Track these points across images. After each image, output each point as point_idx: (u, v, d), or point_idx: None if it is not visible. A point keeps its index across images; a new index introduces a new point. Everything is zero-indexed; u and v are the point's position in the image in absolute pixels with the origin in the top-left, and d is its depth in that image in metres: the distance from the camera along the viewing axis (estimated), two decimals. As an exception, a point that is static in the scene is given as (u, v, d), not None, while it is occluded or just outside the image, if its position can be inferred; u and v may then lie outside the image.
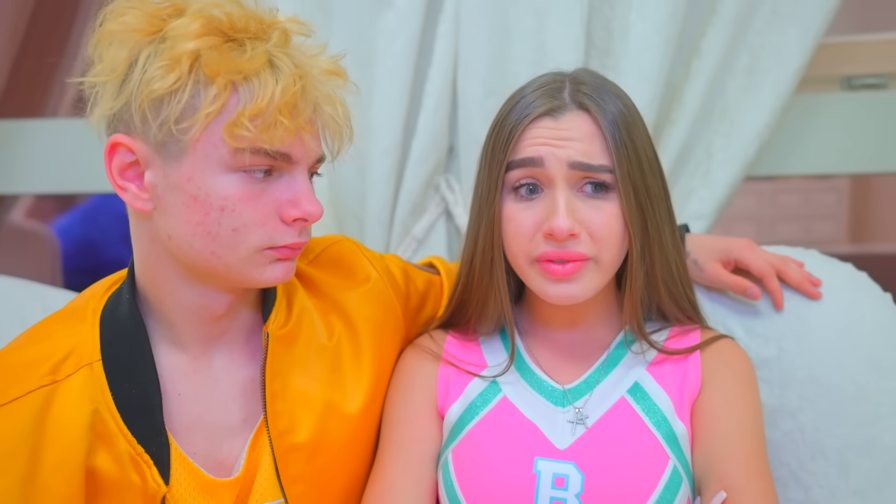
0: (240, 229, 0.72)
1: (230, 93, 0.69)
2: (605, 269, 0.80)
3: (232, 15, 0.71)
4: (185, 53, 0.68)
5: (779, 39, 1.17)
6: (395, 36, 1.16)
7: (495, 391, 0.85)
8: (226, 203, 0.71)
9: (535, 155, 0.78)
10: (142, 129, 0.70)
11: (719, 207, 1.22)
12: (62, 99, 1.92)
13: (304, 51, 0.75)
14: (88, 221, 2.28)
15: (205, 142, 0.70)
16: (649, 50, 1.14)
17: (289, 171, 0.74)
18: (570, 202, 0.77)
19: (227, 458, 0.79)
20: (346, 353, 0.84)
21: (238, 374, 0.80)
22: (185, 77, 0.68)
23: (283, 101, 0.69)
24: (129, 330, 0.76)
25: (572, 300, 0.79)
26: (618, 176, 0.78)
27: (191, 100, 0.69)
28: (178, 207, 0.71)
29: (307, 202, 0.73)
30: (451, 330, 0.91)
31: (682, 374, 0.83)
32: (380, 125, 1.19)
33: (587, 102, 0.79)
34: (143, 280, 0.78)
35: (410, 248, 1.24)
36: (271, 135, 0.70)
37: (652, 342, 0.83)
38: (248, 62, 0.69)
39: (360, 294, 0.87)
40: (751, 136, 1.19)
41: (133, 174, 0.73)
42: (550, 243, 0.78)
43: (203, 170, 0.70)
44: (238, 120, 0.69)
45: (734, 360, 0.84)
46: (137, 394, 0.74)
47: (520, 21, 1.16)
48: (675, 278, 0.84)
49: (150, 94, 0.69)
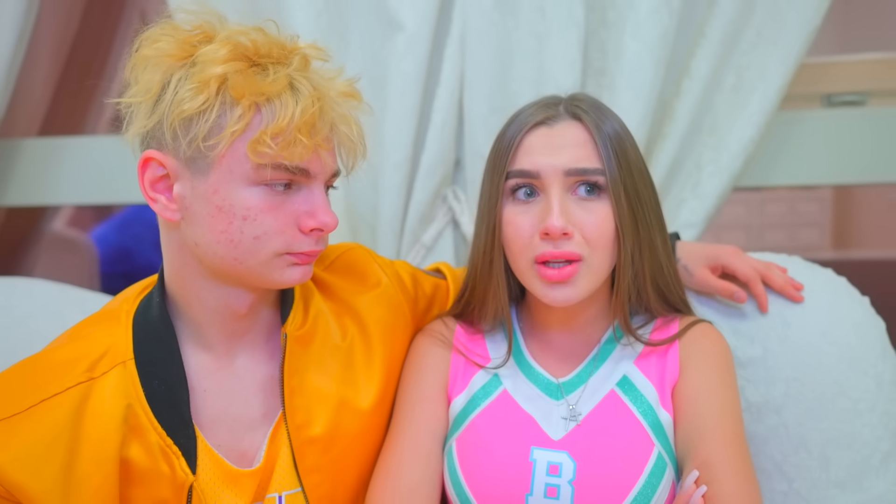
0: (261, 237, 0.73)
1: (254, 113, 0.70)
2: (596, 271, 0.80)
3: (257, 42, 0.72)
4: (213, 77, 0.70)
5: (763, 60, 1.17)
6: (406, 57, 1.17)
7: (496, 384, 0.85)
8: (248, 213, 0.72)
9: (532, 168, 0.79)
10: (172, 146, 0.72)
11: (708, 217, 1.21)
12: (101, 118, 1.94)
13: (323, 74, 0.76)
14: (123, 230, 2.30)
15: (230, 157, 0.71)
16: (642, 70, 1.14)
17: (307, 185, 0.75)
18: (564, 204, 0.78)
19: (248, 449, 0.79)
20: (358, 352, 0.84)
21: (258, 372, 0.80)
22: (212, 98, 0.70)
23: (303, 121, 0.70)
24: (159, 331, 0.76)
25: (568, 302, 0.80)
26: (608, 177, 0.78)
27: (218, 119, 0.70)
28: (205, 217, 0.72)
29: (323, 213, 0.74)
30: (459, 320, 0.92)
31: (663, 364, 0.83)
32: (391, 140, 1.19)
33: (579, 112, 0.80)
34: (171, 284, 0.78)
35: (419, 254, 1.24)
36: (291, 152, 0.71)
37: (637, 336, 0.83)
38: (271, 85, 0.70)
39: (372, 298, 0.87)
40: (737, 150, 1.19)
41: (163, 186, 0.74)
42: (547, 243, 0.78)
43: (228, 183, 0.71)
44: (260, 138, 0.70)
45: (709, 343, 0.84)
46: (166, 390, 0.75)
47: (521, 44, 1.16)
48: (667, 278, 0.84)
49: (181, 114, 0.70)
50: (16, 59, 1.32)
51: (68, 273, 2.02)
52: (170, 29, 0.74)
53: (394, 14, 1.16)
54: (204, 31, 0.73)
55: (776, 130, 1.23)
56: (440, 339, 0.89)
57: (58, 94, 1.65)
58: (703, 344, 0.84)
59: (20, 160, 1.42)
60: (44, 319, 1.07)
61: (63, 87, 1.65)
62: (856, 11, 2.31)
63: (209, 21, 0.74)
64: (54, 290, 1.12)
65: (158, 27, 0.74)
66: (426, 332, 0.91)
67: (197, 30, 0.73)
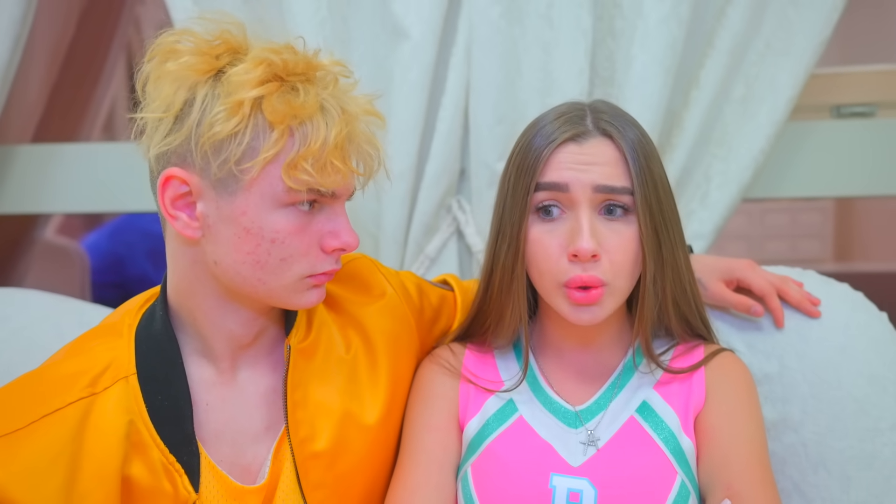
0: (287, 259, 0.73)
1: (287, 137, 0.70)
2: (619, 294, 0.79)
3: (288, 62, 0.71)
4: (248, 99, 0.69)
5: (772, 71, 1.18)
6: (411, 66, 1.16)
7: (512, 410, 0.84)
8: (277, 236, 0.72)
9: (561, 181, 0.78)
10: (201, 166, 0.71)
11: (717, 228, 1.21)
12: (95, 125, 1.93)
13: (343, 89, 0.76)
14: (115, 238, 2.28)
15: (262, 181, 0.71)
16: (650, 80, 1.14)
17: (330, 205, 0.75)
18: (593, 224, 0.77)
19: (251, 464, 0.78)
20: (362, 365, 0.84)
21: (261, 384, 0.80)
22: (246, 121, 0.69)
23: (335, 145, 0.71)
24: (162, 345, 0.76)
25: (594, 321, 0.79)
26: (637, 198, 0.77)
27: (251, 142, 0.70)
28: (230, 238, 0.72)
29: (347, 234, 0.75)
30: (468, 343, 0.91)
31: (687, 390, 0.83)
32: (395, 150, 1.19)
33: (609, 129, 0.79)
34: (177, 298, 0.78)
35: (423, 265, 1.24)
36: (325, 177, 0.71)
37: (659, 363, 0.83)
38: (303, 107, 0.70)
39: (377, 309, 0.87)
40: (747, 161, 1.19)
41: (184, 204, 0.73)
42: (575, 266, 0.77)
43: (258, 205, 0.71)
44: (297, 163, 0.70)
45: (735, 373, 0.83)
46: (169, 405, 0.74)
47: (528, 52, 1.16)
48: (689, 299, 0.84)
49: (213, 136, 0.69)
50: (11, 64, 1.31)
51: (60, 282, 2.00)
52: (184, 36, 0.72)
53: (399, 22, 1.16)
54: (226, 40, 0.72)
55: (785, 141, 1.23)
56: (447, 368, 0.88)
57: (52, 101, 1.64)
58: (730, 372, 0.83)
59: (13, 167, 1.41)
60: (41, 331, 1.06)
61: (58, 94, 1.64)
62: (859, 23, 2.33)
63: (229, 30, 0.73)
64: (51, 301, 1.11)
65: (174, 34, 0.73)
66: (433, 360, 0.89)
67: (217, 39, 0.72)
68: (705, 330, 0.87)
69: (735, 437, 0.78)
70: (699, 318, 0.86)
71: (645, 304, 0.80)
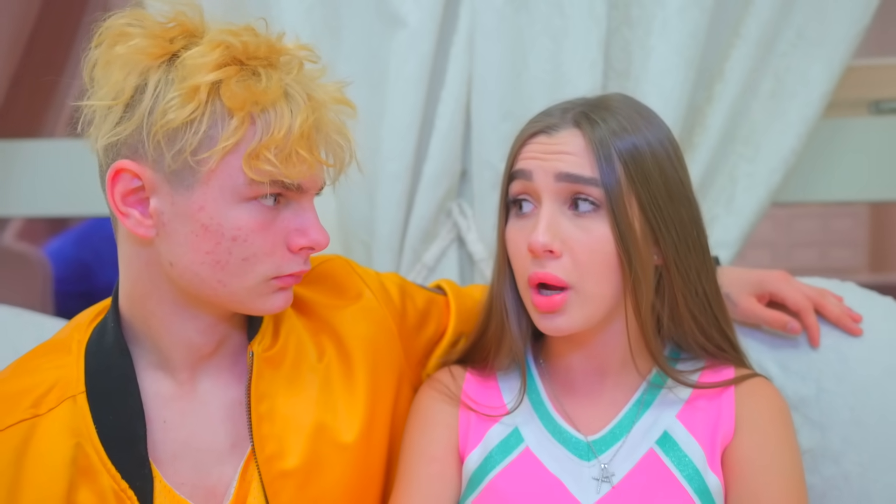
0: (249, 259, 0.72)
1: (248, 124, 0.70)
2: (588, 300, 0.78)
3: (247, 43, 0.71)
4: (204, 84, 0.69)
5: (804, 62, 1.17)
6: (407, 57, 1.16)
7: (517, 441, 0.83)
8: (238, 233, 0.71)
9: (526, 167, 0.80)
10: (154, 158, 0.70)
11: (744, 235, 1.21)
12: (59, 119, 1.92)
13: (311, 76, 0.76)
14: (81, 244, 2.27)
15: (221, 173, 0.70)
16: (670, 72, 1.14)
17: (297, 200, 0.75)
18: (554, 218, 0.77)
19: (216, 485, 0.77)
20: (337, 374, 0.83)
21: (225, 397, 0.80)
22: (202, 107, 0.69)
23: (300, 134, 0.70)
24: (114, 360, 0.76)
25: (562, 331, 0.79)
26: (606, 190, 0.76)
27: (209, 131, 0.69)
28: (187, 236, 0.71)
29: (315, 231, 0.74)
30: (469, 366, 0.90)
31: (714, 419, 0.81)
32: (390, 148, 1.18)
33: (581, 120, 0.79)
34: (130, 306, 0.77)
35: (421, 275, 1.23)
36: (290, 168, 0.71)
37: (678, 377, 0.81)
38: (265, 93, 0.70)
39: (352, 312, 0.86)
40: (776, 162, 1.18)
41: (136, 200, 0.72)
42: (535, 262, 0.78)
43: (217, 200, 0.71)
44: (259, 152, 0.69)
45: (768, 400, 0.82)
46: (122, 425, 0.74)
47: (535, 42, 1.16)
48: (711, 315, 0.83)
49: (166, 125, 0.68)
50: (-34, 53, 1.30)
51: (19, 293, 1.99)
52: (136, 19, 0.72)
53: (395, 9, 1.15)
54: (181, 22, 0.72)
55: (819, 140, 1.23)
56: (446, 394, 0.87)
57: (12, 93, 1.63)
58: (762, 400, 0.82)
59: (-31, 166, 1.40)
60: (-5, 349, 1.04)
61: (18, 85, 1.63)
62: (895, 11, 2.33)
63: (184, 12, 0.73)
64: (7, 314, 1.10)
65: (124, 17, 0.73)
66: (431, 384, 0.89)
67: (172, 21, 0.72)
68: (733, 351, 0.85)
69: (768, 472, 0.77)
70: (725, 337, 0.84)
71: (634, 314, 0.79)
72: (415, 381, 0.92)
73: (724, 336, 0.84)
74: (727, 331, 0.85)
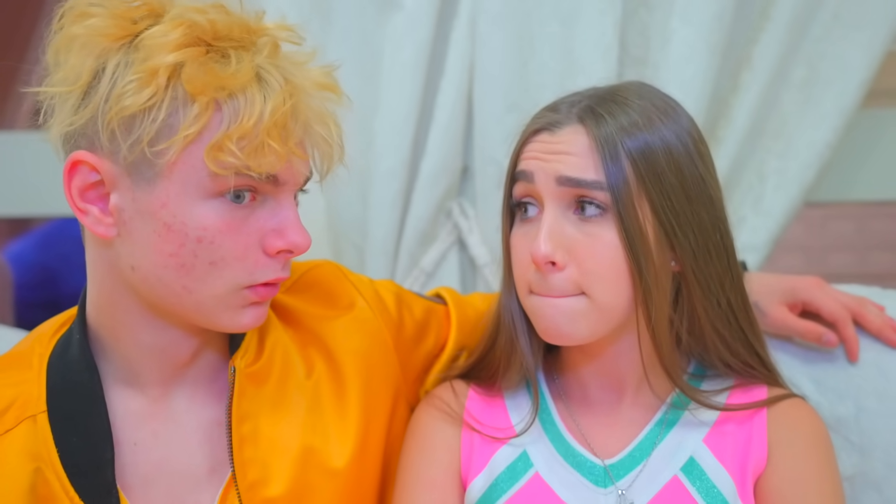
0: (217, 263, 0.71)
1: (212, 112, 0.69)
2: (601, 308, 0.77)
3: (216, 22, 0.70)
4: (163, 66, 0.68)
5: (841, 47, 1.17)
6: (404, 43, 1.16)
7: (525, 466, 0.82)
8: (204, 234, 0.70)
9: (527, 169, 0.80)
10: (109, 149, 0.70)
11: (773, 238, 1.21)
12: (20, 109, 1.91)
13: (293, 60, 0.75)
14: (46, 248, 2.27)
15: (182, 165, 0.69)
16: (692, 59, 1.14)
17: (274, 196, 0.73)
18: (557, 225, 0.77)
19: None
20: (326, 392, 0.83)
21: (202, 417, 0.79)
22: (161, 93, 0.68)
23: (272, 122, 0.69)
24: (79, 375, 0.75)
25: (562, 338, 0.78)
26: (613, 193, 0.76)
27: (168, 119, 0.68)
28: (149, 236, 0.71)
29: (294, 232, 0.73)
30: (473, 383, 0.90)
31: (744, 445, 0.80)
32: (385, 143, 1.18)
33: (585, 116, 0.79)
34: (97, 314, 0.77)
35: (418, 281, 1.23)
36: (259, 160, 0.69)
37: (703, 400, 0.81)
38: (233, 77, 0.69)
39: (343, 323, 0.86)
40: (810, 157, 1.18)
41: (95, 195, 0.72)
42: (539, 275, 0.78)
43: (179, 196, 0.70)
44: (222, 143, 0.68)
45: (805, 424, 0.81)
46: (87, 448, 0.74)
47: (544, 26, 1.16)
48: (736, 328, 0.82)
49: (122, 111, 0.68)
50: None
51: (-24, 302, 1.99)
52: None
53: (390, -11, 1.16)
54: (147, 3, 0.72)
55: (857, 133, 1.23)
56: (446, 412, 0.87)
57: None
58: (797, 422, 0.81)
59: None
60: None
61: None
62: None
63: None
64: (-38, 326, 1.10)
65: None
66: (430, 402, 0.88)
67: (138, 1, 0.72)
68: (763, 368, 0.85)
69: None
70: (753, 352, 0.84)
71: (647, 328, 0.78)
72: (412, 400, 0.92)
73: (751, 351, 0.84)
74: (756, 345, 0.84)
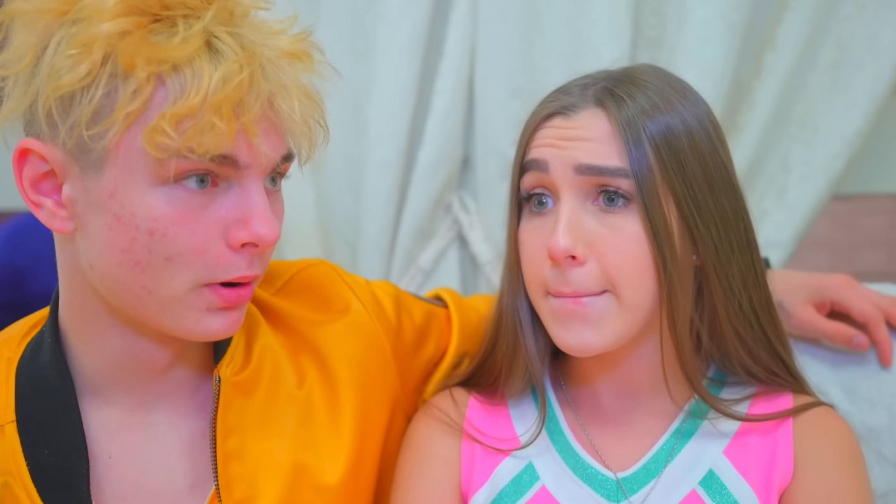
0: (174, 258, 0.69)
1: (154, 87, 0.66)
2: (627, 308, 0.77)
3: None
4: (98, 39, 0.66)
5: (873, 27, 1.17)
6: (400, 23, 1.16)
7: (531, 479, 0.82)
8: (156, 226, 0.68)
9: (540, 157, 0.79)
10: (50, 134, 0.69)
11: (799, 234, 1.21)
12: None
13: (263, 29, 0.72)
14: (12, 245, 2.26)
15: (126, 149, 0.67)
16: (711, 40, 1.14)
17: (238, 181, 0.71)
18: (575, 216, 0.76)
19: None
20: (319, 404, 0.82)
21: (184, 430, 0.79)
22: (97, 69, 0.66)
23: (223, 96, 0.66)
24: (50, 382, 0.75)
25: (587, 350, 0.77)
26: (637, 181, 0.76)
27: (105, 98, 0.66)
28: (101, 230, 0.69)
29: (260, 221, 0.70)
30: (473, 390, 0.89)
31: (768, 457, 0.80)
32: (379, 131, 1.18)
33: (604, 98, 0.78)
34: (67, 318, 0.76)
35: (415, 280, 1.23)
36: (201, 139, 0.66)
37: (723, 408, 0.80)
38: (178, 47, 0.66)
39: (338, 329, 0.85)
40: (838, 146, 1.18)
41: (49, 187, 0.71)
42: (557, 272, 0.77)
43: (126, 183, 0.68)
44: (158, 124, 0.66)
45: (834, 435, 0.81)
46: (59, 461, 0.73)
47: (551, 5, 1.16)
48: (759, 331, 0.82)
49: (57, 91, 0.66)
50: None
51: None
52: None
53: (384, -36, 1.16)
54: None
55: (889, 121, 1.23)
56: (446, 423, 0.86)
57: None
58: (826, 433, 0.81)
59: None
60: None
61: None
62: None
63: None
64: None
65: None
66: (427, 412, 0.88)
67: None
68: (788, 373, 0.84)
69: None
70: (777, 357, 0.83)
71: (670, 328, 0.78)
72: (410, 410, 0.92)
73: (774, 355, 0.83)
74: (779, 349, 0.84)
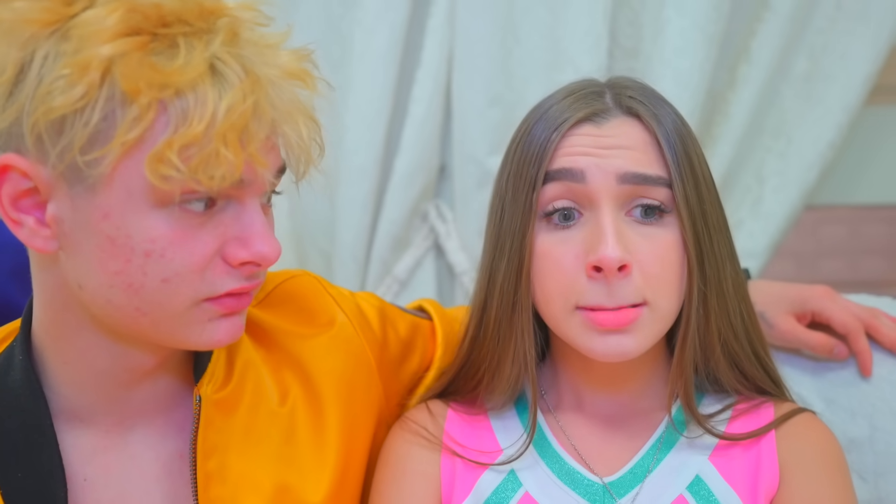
0: (171, 279, 0.68)
1: (156, 113, 0.65)
2: (661, 317, 0.77)
3: (162, 6, 0.66)
4: (96, 60, 0.64)
5: (845, 40, 1.19)
6: (376, 29, 1.15)
7: (514, 486, 0.82)
8: (153, 248, 0.67)
9: (575, 167, 0.76)
10: (37, 155, 0.67)
11: (773, 244, 1.23)
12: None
13: (259, 42, 0.71)
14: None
15: (124, 171, 0.66)
16: (687, 51, 1.15)
17: (237, 199, 0.70)
18: (619, 227, 0.76)
19: None
20: (303, 421, 0.81)
21: (161, 450, 0.77)
22: (94, 91, 0.64)
23: (229, 125, 0.65)
24: (23, 401, 0.73)
25: (624, 356, 0.77)
26: (677, 193, 0.76)
27: (102, 122, 0.65)
28: (92, 251, 0.68)
29: (260, 241, 0.69)
30: (451, 401, 0.88)
31: (754, 464, 0.80)
32: (355, 139, 1.18)
33: (636, 107, 0.78)
34: (43, 335, 0.75)
35: (391, 290, 1.23)
36: (210, 171, 0.65)
37: (707, 426, 0.81)
38: (181, 71, 0.65)
39: (323, 343, 0.84)
40: (811, 157, 1.20)
41: (30, 204, 0.69)
42: (597, 285, 0.76)
43: (123, 204, 0.66)
44: (162, 153, 0.64)
45: (820, 441, 0.81)
46: (33, 485, 0.72)
47: (529, 14, 1.16)
48: (744, 340, 0.82)
49: (49, 113, 0.64)
50: None
51: None
52: None
53: (360, -31, 1.16)
54: None
55: (862, 131, 1.25)
56: (423, 437, 0.85)
57: None
58: (811, 441, 0.81)
59: None
60: None
61: None
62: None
63: None
64: None
65: None
66: (403, 426, 0.87)
67: None
68: (772, 383, 0.85)
69: None
70: (761, 366, 0.84)
71: (688, 337, 0.78)
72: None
73: (757, 365, 0.84)
74: (764, 359, 0.85)
